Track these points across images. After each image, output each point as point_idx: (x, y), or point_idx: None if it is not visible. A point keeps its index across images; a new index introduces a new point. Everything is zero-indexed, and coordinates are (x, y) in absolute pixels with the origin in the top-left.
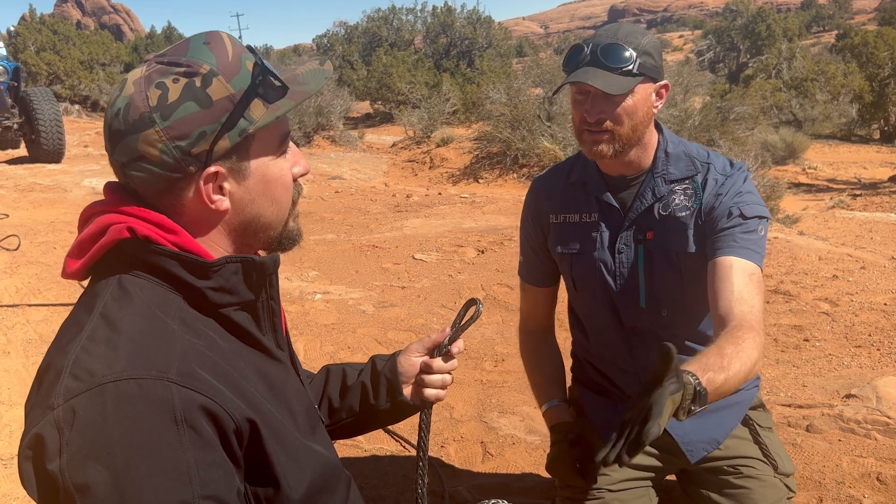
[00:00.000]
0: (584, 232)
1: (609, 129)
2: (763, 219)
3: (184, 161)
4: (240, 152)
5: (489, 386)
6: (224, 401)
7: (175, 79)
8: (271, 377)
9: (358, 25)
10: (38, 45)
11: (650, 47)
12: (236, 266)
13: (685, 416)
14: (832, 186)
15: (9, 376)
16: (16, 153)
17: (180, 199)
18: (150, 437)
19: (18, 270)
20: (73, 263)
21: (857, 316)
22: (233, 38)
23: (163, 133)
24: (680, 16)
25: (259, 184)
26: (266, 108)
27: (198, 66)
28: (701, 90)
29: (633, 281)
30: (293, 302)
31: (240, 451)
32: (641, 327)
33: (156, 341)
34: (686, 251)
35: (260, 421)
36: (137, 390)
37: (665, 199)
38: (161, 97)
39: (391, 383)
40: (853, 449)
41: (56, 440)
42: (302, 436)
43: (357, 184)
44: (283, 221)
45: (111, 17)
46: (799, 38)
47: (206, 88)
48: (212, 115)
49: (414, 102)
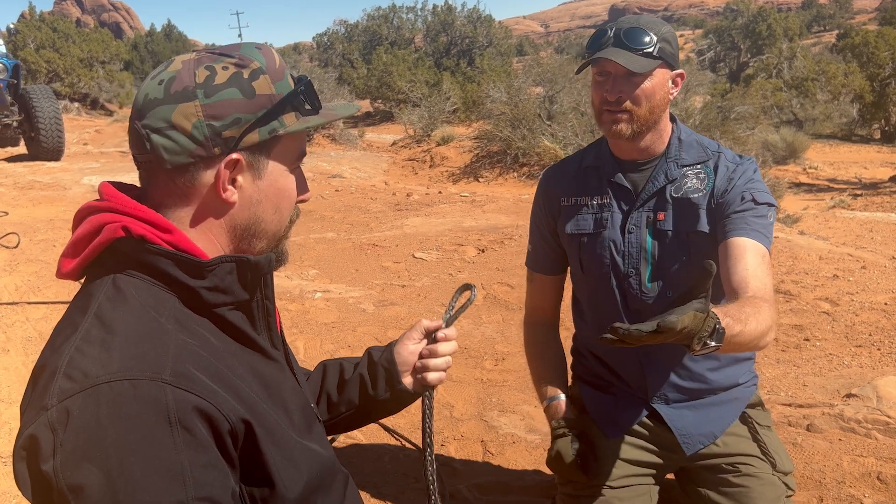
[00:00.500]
0: (595, 213)
1: (628, 108)
2: (772, 206)
3: (212, 140)
4: (263, 151)
5: (489, 385)
6: (218, 401)
7: (225, 66)
8: (266, 377)
9: (358, 24)
10: (38, 43)
11: (669, 36)
12: (231, 266)
13: (699, 345)
14: (833, 186)
15: (8, 374)
16: (15, 151)
17: (194, 180)
18: (144, 439)
19: (18, 268)
20: (68, 263)
21: (857, 315)
22: (279, 55)
23: (201, 109)
24: (680, 15)
25: (270, 188)
26: (297, 120)
27: (248, 60)
28: (701, 89)
29: (640, 261)
30: (293, 300)
31: (234, 452)
32: (645, 311)
33: (150, 342)
34: (697, 230)
35: (255, 421)
36: (132, 391)
37: (677, 181)
38: (208, 77)
39: (389, 373)
40: (854, 448)
41: (50, 441)
42: (298, 435)
43: (357, 182)
44: (278, 237)
45: (111, 15)
46: (800, 37)
47: (252, 81)
48: (251, 105)
49: (414, 101)
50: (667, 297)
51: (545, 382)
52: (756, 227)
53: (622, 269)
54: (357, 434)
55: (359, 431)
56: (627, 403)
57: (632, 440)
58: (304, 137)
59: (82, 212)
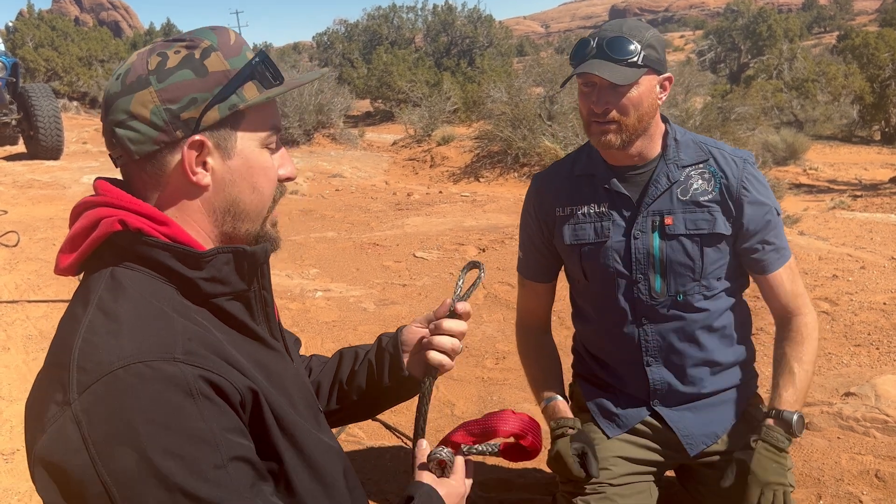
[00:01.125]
0: (594, 221)
1: (615, 119)
2: (776, 210)
3: (172, 124)
4: (227, 128)
5: (490, 383)
6: (228, 374)
7: (177, 50)
8: (268, 366)
9: (358, 23)
10: (37, 42)
11: (654, 41)
12: (228, 256)
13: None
14: (833, 187)
15: (9, 372)
16: (14, 149)
17: (163, 167)
18: (170, 413)
19: (18, 267)
20: (66, 259)
21: (856, 315)
22: (238, 35)
23: (156, 95)
24: (681, 16)
25: (242, 167)
26: (259, 93)
27: (199, 41)
28: (702, 90)
29: (648, 267)
30: (294, 299)
31: (246, 422)
32: (653, 316)
33: (156, 324)
34: (714, 232)
35: (261, 392)
36: (149, 372)
37: (682, 183)
38: (160, 63)
39: (393, 359)
40: (852, 446)
41: (77, 434)
42: (303, 421)
43: (358, 182)
44: (262, 217)
45: (109, 14)
46: (800, 38)
47: (203, 60)
48: (205, 84)
49: (414, 101)
50: (677, 301)
51: (541, 385)
52: (778, 245)
53: (630, 275)
54: (358, 432)
55: (360, 429)
56: (628, 403)
57: (633, 439)
58: (272, 110)
59: (79, 207)
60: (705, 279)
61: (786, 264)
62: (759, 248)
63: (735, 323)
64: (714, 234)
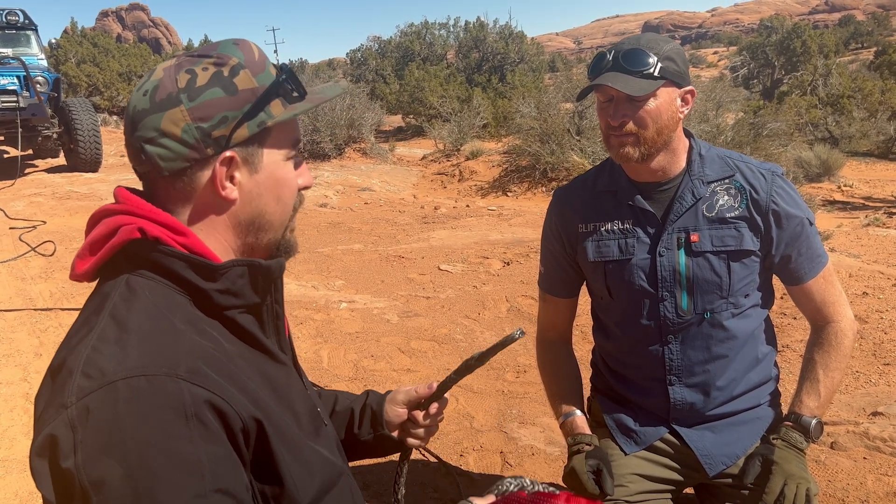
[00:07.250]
0: (618, 238)
1: (633, 131)
2: (808, 217)
3: (203, 142)
4: (255, 145)
5: (510, 396)
6: (232, 398)
7: (205, 67)
8: (275, 380)
9: (391, 40)
10: (79, 58)
11: (672, 53)
12: (243, 269)
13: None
14: (868, 204)
15: (41, 378)
16: (55, 162)
17: (193, 182)
18: (162, 433)
19: (53, 275)
20: (83, 264)
21: (886, 333)
22: (258, 47)
23: (187, 113)
24: (715, 32)
25: (268, 180)
26: (284, 108)
27: (227, 58)
28: (734, 106)
29: (675, 284)
30: (319, 310)
31: (245, 449)
32: (679, 334)
33: (164, 339)
34: (742, 248)
35: (266, 420)
36: (148, 387)
37: (707, 200)
38: (190, 81)
39: (376, 416)
40: (878, 467)
41: (70, 438)
42: (306, 438)
43: (386, 195)
44: (284, 226)
45: (150, 31)
46: (836, 54)
47: (232, 78)
48: (235, 102)
49: (445, 116)
50: (704, 319)
51: (560, 400)
52: (812, 254)
53: (656, 293)
54: None
55: None
56: (647, 420)
57: (651, 456)
58: (295, 126)
59: (98, 214)
60: (733, 296)
61: (821, 273)
62: (793, 258)
63: (760, 342)
64: (741, 251)
